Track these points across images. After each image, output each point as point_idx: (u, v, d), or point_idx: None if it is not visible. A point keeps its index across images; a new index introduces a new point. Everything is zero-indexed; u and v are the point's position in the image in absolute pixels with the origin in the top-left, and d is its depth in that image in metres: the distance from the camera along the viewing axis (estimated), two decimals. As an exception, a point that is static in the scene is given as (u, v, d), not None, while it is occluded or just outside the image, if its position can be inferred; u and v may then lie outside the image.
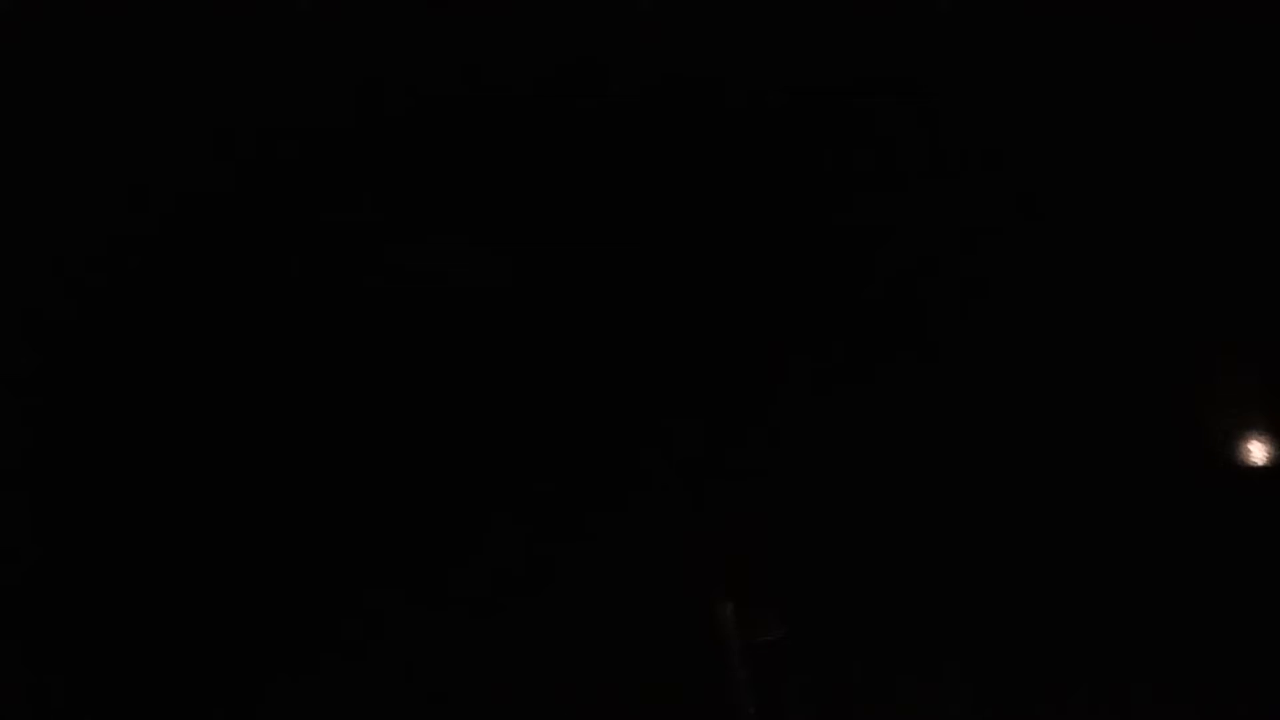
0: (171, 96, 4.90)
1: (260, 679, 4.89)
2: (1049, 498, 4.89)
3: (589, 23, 4.89)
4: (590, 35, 4.92)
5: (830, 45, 4.94)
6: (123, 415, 4.96)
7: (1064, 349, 4.98)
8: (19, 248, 4.86)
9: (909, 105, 5.02)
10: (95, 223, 4.90)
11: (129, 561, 4.92)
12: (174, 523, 4.95)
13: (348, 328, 5.00)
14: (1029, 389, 4.97)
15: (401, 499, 5.02)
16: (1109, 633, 4.80)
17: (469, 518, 5.01)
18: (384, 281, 4.97)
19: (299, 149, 4.96)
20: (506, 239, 5.05)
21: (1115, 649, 4.79)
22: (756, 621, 4.72)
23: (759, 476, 4.97)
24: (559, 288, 5.09)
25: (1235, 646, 4.74)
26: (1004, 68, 4.95)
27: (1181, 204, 4.96)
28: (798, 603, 4.81)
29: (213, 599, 4.93)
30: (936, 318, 5.05)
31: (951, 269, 5.04)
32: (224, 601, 4.93)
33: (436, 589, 4.96)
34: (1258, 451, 4.87)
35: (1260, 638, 4.74)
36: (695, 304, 5.08)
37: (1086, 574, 4.82)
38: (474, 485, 5.02)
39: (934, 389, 4.98)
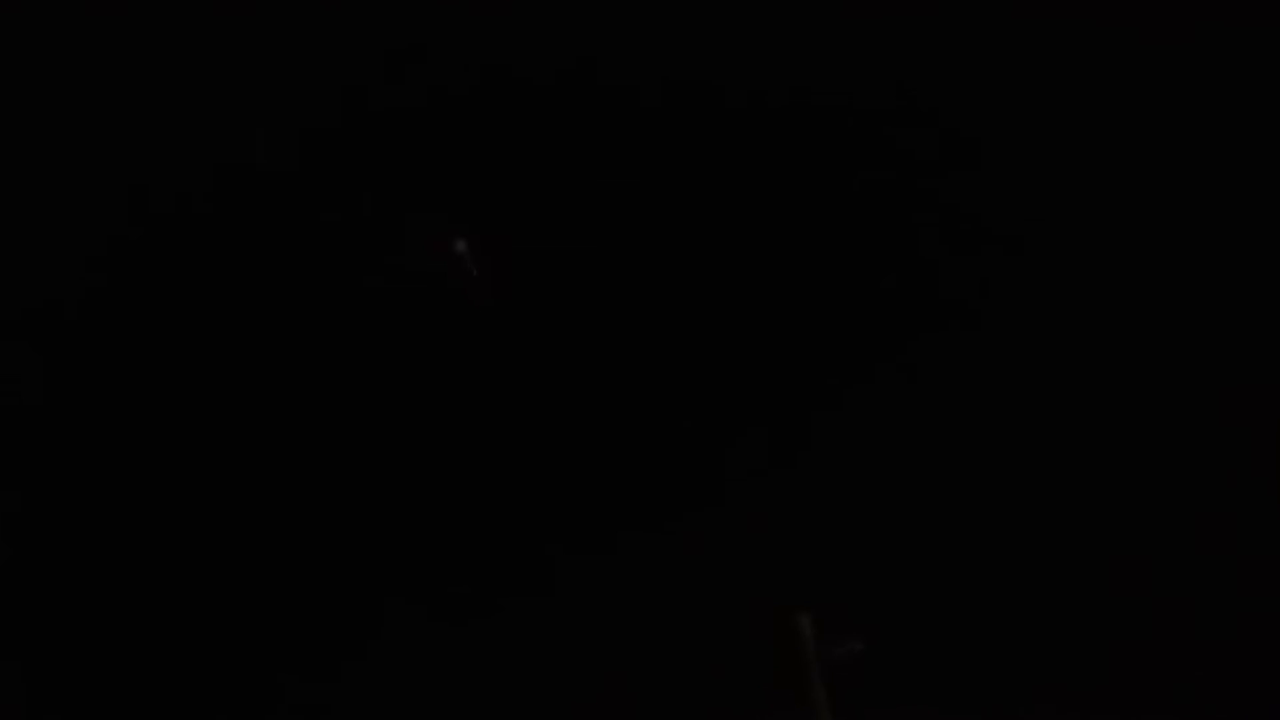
0: (172, 97, 4.91)
1: (266, 681, 4.90)
2: (1051, 497, 4.89)
3: (589, 23, 4.91)
4: (591, 35, 4.93)
5: (830, 46, 4.96)
6: (123, 415, 4.97)
7: (1064, 350, 4.98)
8: (19, 248, 4.88)
9: (909, 106, 5.03)
10: (95, 223, 4.92)
11: (128, 563, 4.93)
12: (173, 523, 4.95)
13: (348, 327, 5.01)
14: (1031, 390, 4.98)
15: (416, 501, 5.02)
16: (1114, 635, 4.81)
17: (508, 527, 5.02)
18: (384, 281, 4.98)
19: (298, 149, 4.97)
20: (510, 238, 5.06)
21: (1121, 651, 4.81)
22: (835, 635, 4.71)
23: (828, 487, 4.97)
24: (560, 289, 5.09)
25: (1238, 648, 4.74)
26: (1004, 68, 4.96)
27: (1183, 205, 4.97)
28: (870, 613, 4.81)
29: (213, 599, 4.93)
30: (937, 319, 5.06)
31: (952, 269, 5.05)
32: (226, 601, 4.93)
33: (437, 592, 4.97)
34: (1258, 451, 4.88)
35: (1262, 640, 4.75)
36: (709, 304, 5.08)
37: (1087, 572, 4.83)
38: (510, 491, 5.03)
39: (939, 393, 4.99)
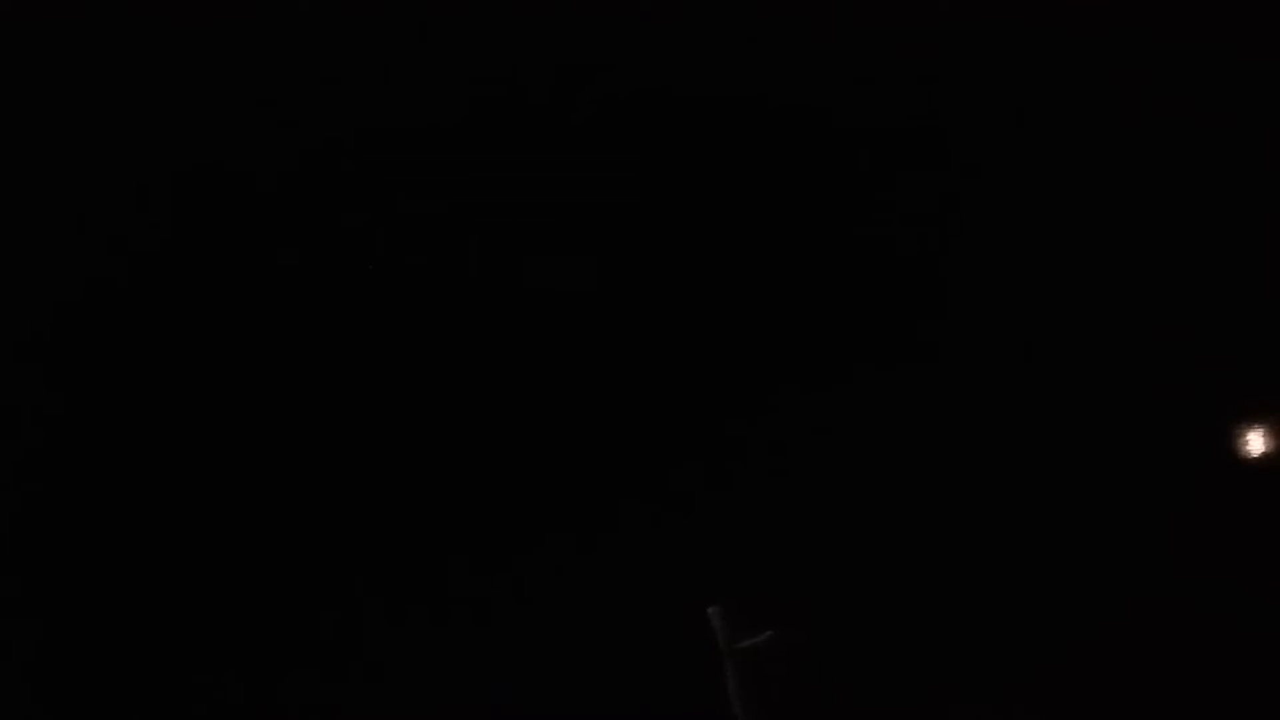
0: (176, 99, 4.93)
1: (260, 681, 4.89)
2: (1041, 500, 4.89)
3: (592, 25, 4.93)
4: (593, 38, 4.95)
5: (830, 48, 4.97)
6: (122, 415, 4.98)
7: (1063, 351, 4.99)
8: (19, 247, 4.89)
9: (909, 110, 5.04)
10: (95, 224, 4.93)
11: (128, 564, 4.93)
12: (173, 523, 4.95)
13: (349, 325, 5.03)
14: (1027, 391, 4.98)
15: (395, 502, 5.03)
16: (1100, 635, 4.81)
17: (462, 523, 5.03)
18: (384, 278, 5.00)
19: (304, 150, 4.99)
20: (510, 239, 5.08)
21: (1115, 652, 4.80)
22: (741, 624, 4.72)
23: (747, 480, 4.98)
24: (559, 293, 5.10)
25: (1238, 647, 4.74)
26: (1004, 69, 4.97)
27: (1182, 206, 4.98)
28: (783, 606, 4.81)
29: (212, 600, 4.94)
30: (936, 320, 5.06)
31: (951, 270, 5.06)
32: (225, 602, 4.94)
33: (430, 592, 4.97)
34: (1256, 449, 4.88)
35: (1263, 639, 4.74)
36: (692, 307, 5.09)
37: (1080, 574, 4.83)
38: (465, 491, 5.04)
39: (924, 392, 4.99)
